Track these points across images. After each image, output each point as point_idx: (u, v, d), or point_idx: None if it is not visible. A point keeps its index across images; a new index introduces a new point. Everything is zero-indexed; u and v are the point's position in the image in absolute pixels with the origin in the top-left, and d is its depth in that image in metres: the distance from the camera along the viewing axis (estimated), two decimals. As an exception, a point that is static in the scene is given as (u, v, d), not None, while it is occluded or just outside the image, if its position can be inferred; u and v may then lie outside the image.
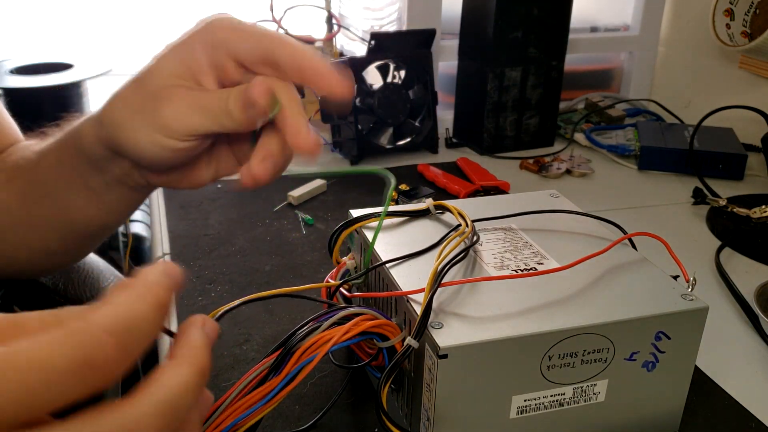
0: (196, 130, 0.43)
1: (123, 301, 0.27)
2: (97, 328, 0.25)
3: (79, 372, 0.24)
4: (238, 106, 0.42)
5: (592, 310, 0.44)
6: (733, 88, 1.08)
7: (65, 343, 0.24)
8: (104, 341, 0.25)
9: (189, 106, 0.42)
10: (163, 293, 0.28)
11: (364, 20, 1.13)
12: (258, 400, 0.40)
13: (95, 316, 0.26)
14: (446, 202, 0.56)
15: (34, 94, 1.10)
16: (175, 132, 0.43)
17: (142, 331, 0.27)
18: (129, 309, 0.26)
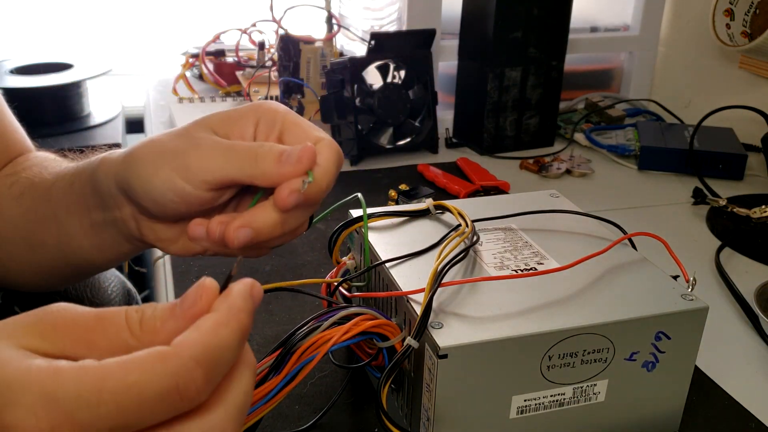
0: (215, 175, 0.41)
1: (210, 329, 0.28)
2: (188, 359, 0.27)
3: (168, 398, 0.26)
4: (273, 155, 0.41)
5: (592, 310, 0.44)
6: (733, 88, 1.08)
7: (158, 370, 0.26)
8: (194, 371, 0.27)
9: (214, 150, 0.41)
10: (246, 319, 0.29)
11: (364, 20, 1.13)
12: (258, 400, 0.40)
13: (186, 344, 0.27)
14: (446, 202, 0.56)
15: (34, 94, 1.10)
16: (194, 176, 0.41)
17: (226, 359, 0.28)
18: (216, 338, 0.28)
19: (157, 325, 0.29)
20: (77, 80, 1.12)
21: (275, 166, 0.40)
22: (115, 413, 0.26)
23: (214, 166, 0.41)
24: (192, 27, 1.33)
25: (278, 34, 1.02)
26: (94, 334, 0.29)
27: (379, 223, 0.55)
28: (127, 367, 0.26)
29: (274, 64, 1.08)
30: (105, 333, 0.29)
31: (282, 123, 0.44)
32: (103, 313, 0.29)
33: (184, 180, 0.41)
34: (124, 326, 0.29)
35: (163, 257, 0.72)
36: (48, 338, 0.28)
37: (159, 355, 0.27)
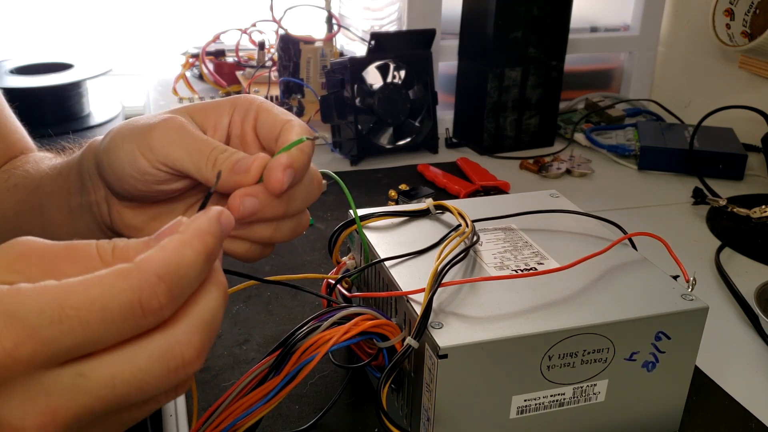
0: (173, 162, 0.40)
1: (174, 247, 0.28)
2: (150, 274, 0.27)
3: (131, 313, 0.26)
4: (228, 165, 0.40)
5: (592, 310, 0.44)
6: (733, 88, 1.08)
7: (121, 285, 0.26)
8: (156, 286, 0.27)
9: (179, 138, 0.41)
10: (211, 241, 0.29)
11: (364, 20, 1.13)
12: (258, 399, 0.40)
13: (148, 260, 0.27)
14: (446, 202, 0.56)
15: (34, 94, 1.10)
16: (154, 155, 0.41)
17: (190, 278, 0.28)
18: (179, 256, 0.28)
19: (129, 253, 0.29)
20: (77, 80, 1.12)
21: (228, 175, 0.39)
22: (78, 328, 0.26)
23: (174, 154, 0.40)
24: (192, 27, 1.33)
25: (278, 34, 1.02)
26: (64, 262, 0.29)
27: (379, 223, 0.55)
28: (89, 283, 0.26)
29: (274, 64, 1.08)
30: (75, 261, 0.29)
31: (256, 110, 0.43)
32: (72, 244, 0.29)
33: (143, 156, 0.41)
34: (95, 254, 0.29)
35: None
36: (15, 268, 0.28)
37: (121, 271, 0.27)
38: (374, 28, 1.10)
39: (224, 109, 0.44)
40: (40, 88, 1.09)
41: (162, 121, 0.41)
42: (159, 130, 0.41)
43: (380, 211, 0.56)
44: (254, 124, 0.43)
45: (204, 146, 0.40)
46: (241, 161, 0.40)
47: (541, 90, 1.02)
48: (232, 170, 0.39)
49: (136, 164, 0.41)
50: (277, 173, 0.38)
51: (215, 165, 0.40)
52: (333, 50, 1.05)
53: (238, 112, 0.44)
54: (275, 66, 1.06)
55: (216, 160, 0.40)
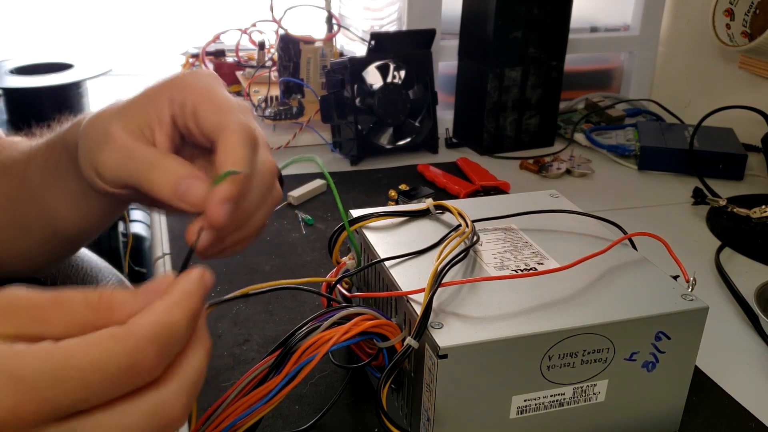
0: (118, 179, 0.41)
1: (162, 310, 0.30)
2: (142, 338, 0.29)
3: (126, 375, 0.28)
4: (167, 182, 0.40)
5: (592, 310, 0.44)
6: (733, 88, 1.08)
7: (117, 348, 0.28)
8: (148, 350, 0.29)
9: (120, 155, 0.41)
10: (196, 302, 0.31)
11: (364, 20, 1.13)
12: (258, 400, 0.40)
13: (140, 324, 0.29)
14: (446, 202, 0.56)
15: (34, 94, 1.10)
16: (104, 178, 0.42)
17: (178, 338, 0.30)
18: (168, 319, 0.30)
19: (115, 304, 0.31)
20: (77, 80, 1.12)
21: (168, 196, 0.40)
22: (79, 388, 0.27)
23: (115, 174, 0.41)
24: (192, 27, 1.33)
25: (278, 34, 1.02)
26: (51, 312, 0.30)
27: (379, 223, 0.55)
28: (89, 346, 0.28)
29: (274, 64, 1.08)
30: (61, 310, 0.30)
31: (192, 104, 0.42)
32: (59, 293, 0.30)
33: (100, 179, 0.42)
34: (82, 303, 0.30)
35: (163, 257, 0.72)
36: (4, 318, 0.29)
37: (115, 334, 0.28)
38: (374, 28, 1.10)
39: (162, 102, 0.42)
40: (40, 88, 1.10)
41: (106, 144, 0.42)
42: (103, 156, 0.42)
43: (380, 211, 0.56)
44: (194, 119, 0.42)
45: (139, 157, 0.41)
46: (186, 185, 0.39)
47: (541, 90, 1.02)
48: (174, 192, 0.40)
49: (98, 186, 0.43)
50: (215, 210, 0.39)
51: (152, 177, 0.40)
52: (333, 50, 1.05)
53: (176, 103, 0.42)
54: (275, 66, 1.06)
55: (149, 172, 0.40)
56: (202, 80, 0.43)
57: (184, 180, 0.40)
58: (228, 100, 0.42)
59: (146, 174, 0.41)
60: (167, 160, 0.41)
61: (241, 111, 0.42)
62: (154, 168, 0.40)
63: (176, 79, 0.43)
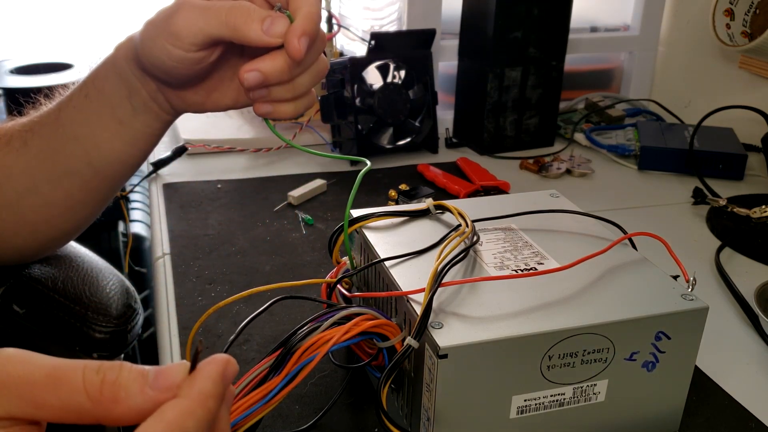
0: (200, 33, 0.45)
1: (175, 418, 0.26)
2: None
3: None
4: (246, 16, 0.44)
5: (592, 310, 0.44)
6: (733, 88, 1.08)
7: None
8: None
9: (193, 11, 0.45)
10: (214, 405, 0.27)
11: (364, 20, 1.13)
12: (258, 400, 0.40)
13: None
14: (446, 202, 0.56)
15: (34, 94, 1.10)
16: (182, 39, 0.45)
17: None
18: (182, 429, 0.26)
19: (120, 396, 0.27)
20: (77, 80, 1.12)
21: (258, 31, 0.44)
22: None
23: (195, 28, 0.45)
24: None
25: (278, 34, 1.02)
26: (46, 393, 0.27)
27: (379, 223, 0.55)
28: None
29: (274, 64, 1.08)
30: (57, 393, 0.27)
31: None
32: (57, 371, 0.27)
33: (174, 45, 0.45)
34: (81, 388, 0.27)
35: (163, 257, 0.72)
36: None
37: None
38: (374, 28, 1.10)
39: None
40: (40, 88, 1.09)
41: (177, 8, 0.45)
42: (178, 16, 0.45)
43: (380, 211, 0.56)
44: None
45: (215, 6, 0.44)
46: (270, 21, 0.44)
47: (541, 90, 1.02)
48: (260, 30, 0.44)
49: (172, 55, 0.46)
50: (295, 42, 0.44)
51: (228, 17, 0.44)
52: (333, 50, 1.05)
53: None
54: (275, 66, 1.06)
55: (228, 13, 0.44)
56: None
57: (266, 17, 0.44)
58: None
59: (228, 18, 0.44)
60: (244, 3, 0.45)
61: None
62: (234, 9, 0.44)
63: None
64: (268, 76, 0.46)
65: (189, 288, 0.66)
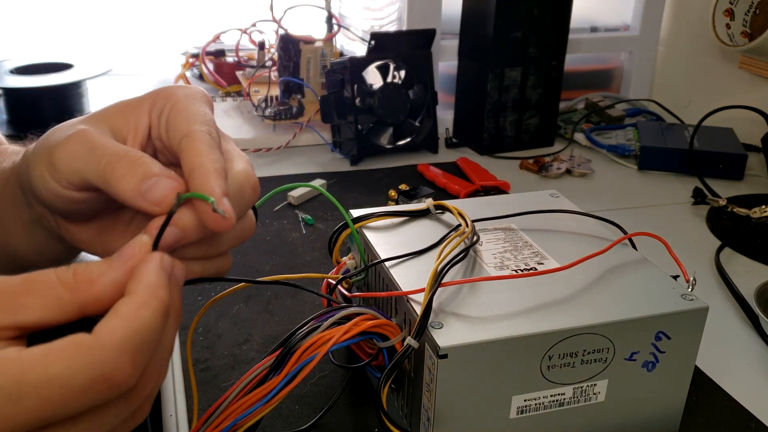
0: (75, 174, 0.36)
1: (131, 313, 0.28)
2: (113, 348, 0.26)
3: (95, 387, 0.26)
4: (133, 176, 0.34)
5: (592, 310, 0.44)
6: (733, 88, 1.08)
7: (81, 361, 0.26)
8: (119, 359, 0.27)
9: (80, 147, 0.36)
10: (165, 294, 0.29)
11: (364, 20, 1.13)
12: (258, 400, 0.40)
13: (107, 333, 0.27)
14: (446, 202, 0.56)
15: (34, 94, 1.10)
16: (60, 175, 0.36)
17: (153, 341, 0.28)
18: (138, 321, 0.27)
19: (93, 276, 0.29)
20: (77, 80, 1.12)
21: (130, 195, 0.34)
22: (37, 406, 0.25)
23: (74, 167, 0.36)
24: (192, 27, 1.33)
25: (278, 34, 1.02)
26: (23, 296, 0.28)
27: (379, 223, 0.55)
28: (48, 359, 0.26)
29: (274, 64, 1.08)
30: (35, 292, 0.28)
31: (169, 110, 0.38)
32: (30, 276, 0.28)
33: (52, 178, 0.37)
34: (55, 282, 0.28)
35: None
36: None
37: (81, 346, 0.26)
38: (374, 28, 1.10)
39: (143, 108, 0.39)
40: (40, 88, 1.09)
41: (69, 136, 0.36)
42: (63, 147, 0.36)
43: (380, 211, 0.56)
44: (166, 128, 0.38)
45: (103, 151, 0.35)
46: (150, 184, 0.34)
47: (541, 90, 1.02)
48: (136, 190, 0.34)
49: (48, 187, 0.37)
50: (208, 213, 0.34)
51: (113, 174, 0.35)
52: (333, 50, 1.05)
53: (155, 110, 0.39)
54: (275, 66, 1.06)
55: (114, 169, 0.35)
56: (187, 92, 0.39)
57: (151, 176, 0.34)
58: (204, 114, 0.38)
59: (106, 168, 0.35)
60: (138, 153, 0.35)
61: (212, 127, 0.37)
62: (120, 159, 0.34)
63: (162, 89, 0.39)
64: (188, 233, 0.35)
65: (189, 288, 0.66)
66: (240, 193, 0.37)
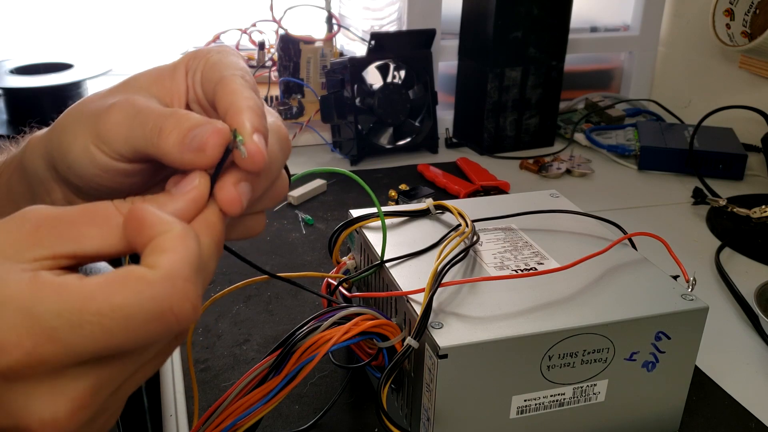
0: (125, 144, 0.33)
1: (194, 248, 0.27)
2: (180, 278, 0.26)
3: (162, 321, 0.26)
4: (176, 133, 0.32)
5: (592, 310, 0.44)
6: (733, 88, 1.08)
7: (147, 293, 0.25)
8: (188, 290, 0.26)
9: (125, 115, 0.34)
10: (220, 228, 0.30)
11: (364, 20, 1.13)
12: (258, 400, 0.40)
13: (174, 264, 0.26)
14: (446, 202, 0.56)
15: (34, 94, 1.10)
16: (107, 145, 0.34)
17: (210, 270, 0.29)
18: (200, 257, 0.27)
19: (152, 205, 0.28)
20: (77, 80, 1.12)
21: (176, 149, 0.32)
22: (98, 336, 0.25)
23: (123, 135, 0.33)
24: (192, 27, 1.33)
25: (278, 34, 1.02)
26: (83, 226, 0.28)
27: (379, 222, 0.55)
28: (111, 289, 0.25)
29: (274, 64, 1.08)
30: (94, 222, 0.28)
31: (203, 66, 0.36)
32: (89, 206, 0.28)
33: (101, 151, 0.34)
34: (115, 213, 0.28)
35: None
36: (33, 241, 0.27)
37: (144, 278, 0.26)
38: (374, 28, 1.10)
39: (179, 72, 0.37)
40: (40, 88, 1.10)
41: (112, 105, 0.34)
42: (108, 116, 0.34)
43: (380, 211, 0.56)
44: (202, 83, 0.36)
45: (148, 115, 0.33)
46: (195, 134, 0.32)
47: (541, 90, 1.02)
48: (180, 144, 0.32)
49: (96, 161, 0.34)
50: (230, 192, 0.32)
51: (160, 135, 0.32)
52: (333, 50, 1.05)
53: (190, 72, 0.37)
54: (275, 66, 1.06)
55: (161, 129, 0.33)
56: (219, 48, 0.38)
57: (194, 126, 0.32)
58: (236, 62, 0.36)
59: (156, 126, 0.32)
60: (185, 111, 0.33)
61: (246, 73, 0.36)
62: (167, 118, 0.32)
63: (195, 51, 0.38)
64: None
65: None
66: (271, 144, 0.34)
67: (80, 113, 0.35)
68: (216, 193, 0.31)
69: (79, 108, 0.36)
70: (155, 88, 0.37)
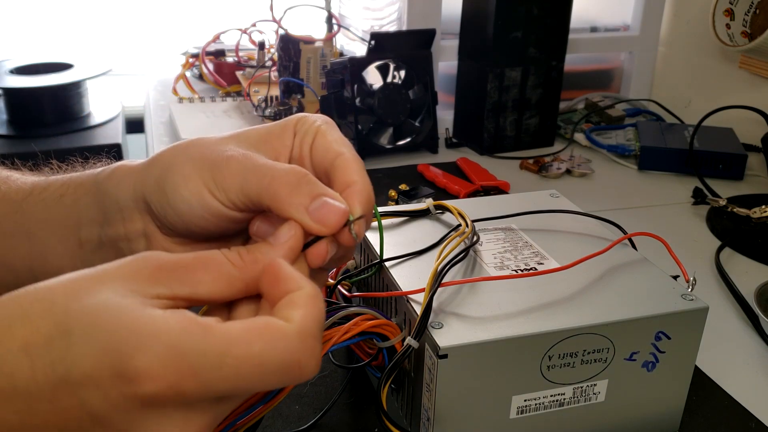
0: (241, 194, 0.36)
1: (316, 304, 0.30)
2: (309, 336, 0.29)
3: (288, 371, 0.29)
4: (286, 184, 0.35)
5: (592, 310, 0.44)
6: (733, 88, 1.08)
7: (281, 346, 0.28)
8: (314, 347, 0.29)
9: (245, 168, 0.36)
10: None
11: (364, 20, 1.13)
12: (258, 400, 0.40)
13: (305, 322, 0.29)
14: (446, 202, 0.56)
15: (34, 94, 1.10)
16: (224, 191, 0.36)
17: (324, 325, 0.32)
18: (321, 313, 0.30)
19: (258, 256, 0.32)
20: (77, 80, 1.12)
21: (299, 211, 0.34)
22: (233, 379, 0.28)
23: (239, 185, 0.36)
24: (192, 27, 1.34)
25: (278, 34, 1.02)
26: (197, 272, 0.30)
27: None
28: (251, 337, 0.28)
29: (274, 64, 1.08)
30: (207, 269, 0.31)
31: (314, 133, 0.39)
32: (201, 255, 0.31)
33: (212, 195, 0.36)
34: (224, 261, 0.31)
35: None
36: (156, 280, 0.30)
37: (280, 331, 0.29)
38: (374, 28, 1.10)
39: (287, 134, 0.40)
40: (40, 88, 1.10)
41: (230, 157, 0.36)
42: (227, 166, 0.36)
43: (380, 211, 0.56)
44: (311, 147, 0.39)
45: (264, 172, 0.36)
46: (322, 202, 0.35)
47: (541, 90, 1.02)
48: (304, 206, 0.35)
49: (207, 206, 0.36)
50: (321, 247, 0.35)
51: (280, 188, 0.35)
52: (333, 50, 1.05)
53: (299, 135, 0.40)
54: (275, 66, 1.06)
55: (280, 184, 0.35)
56: (324, 119, 0.40)
57: (318, 195, 0.34)
58: (344, 139, 0.40)
59: (275, 180, 0.35)
60: (302, 169, 0.36)
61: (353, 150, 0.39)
62: (286, 174, 0.35)
63: (301, 116, 0.40)
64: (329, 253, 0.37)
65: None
66: None
67: (190, 157, 0.37)
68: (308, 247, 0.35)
69: (188, 152, 0.38)
70: (264, 146, 0.40)
